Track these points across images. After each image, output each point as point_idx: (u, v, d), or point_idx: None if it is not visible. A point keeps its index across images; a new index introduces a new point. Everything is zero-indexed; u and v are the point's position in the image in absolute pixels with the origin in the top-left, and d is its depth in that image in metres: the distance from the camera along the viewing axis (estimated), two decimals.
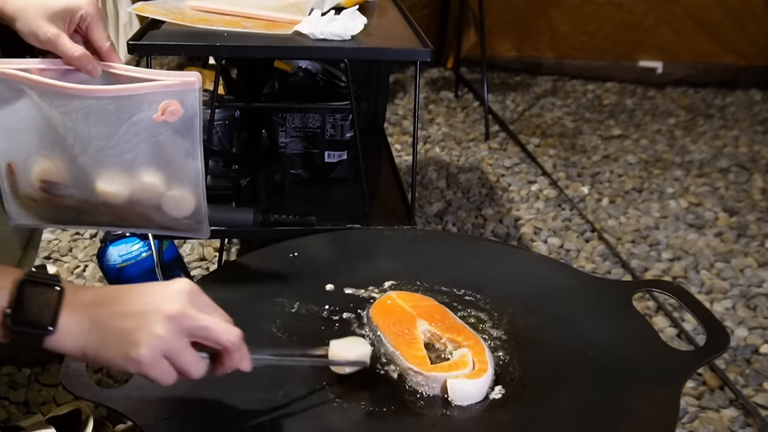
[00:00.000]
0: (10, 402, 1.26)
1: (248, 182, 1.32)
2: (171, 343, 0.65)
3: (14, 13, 0.85)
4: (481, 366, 0.83)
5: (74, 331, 0.64)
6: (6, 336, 0.63)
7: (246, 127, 1.66)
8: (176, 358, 0.66)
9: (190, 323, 0.66)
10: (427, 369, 0.83)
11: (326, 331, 0.93)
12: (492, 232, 1.93)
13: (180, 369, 0.67)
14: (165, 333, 0.64)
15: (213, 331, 0.67)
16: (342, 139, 1.51)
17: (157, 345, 0.64)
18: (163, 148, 0.86)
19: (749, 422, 1.30)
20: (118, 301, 0.67)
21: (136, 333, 0.64)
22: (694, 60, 3.22)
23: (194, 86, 0.82)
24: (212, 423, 0.77)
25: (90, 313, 0.65)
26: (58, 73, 0.85)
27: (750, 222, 2.04)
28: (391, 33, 1.36)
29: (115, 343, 0.64)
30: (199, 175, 0.87)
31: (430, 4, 3.31)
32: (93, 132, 0.84)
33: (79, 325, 0.65)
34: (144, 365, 0.64)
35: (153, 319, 0.64)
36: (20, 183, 0.89)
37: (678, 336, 1.52)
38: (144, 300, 0.67)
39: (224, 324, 0.69)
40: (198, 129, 0.85)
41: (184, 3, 1.37)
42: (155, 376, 0.65)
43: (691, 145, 2.62)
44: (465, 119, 2.82)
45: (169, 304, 0.65)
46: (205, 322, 0.67)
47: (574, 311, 0.97)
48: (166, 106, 0.82)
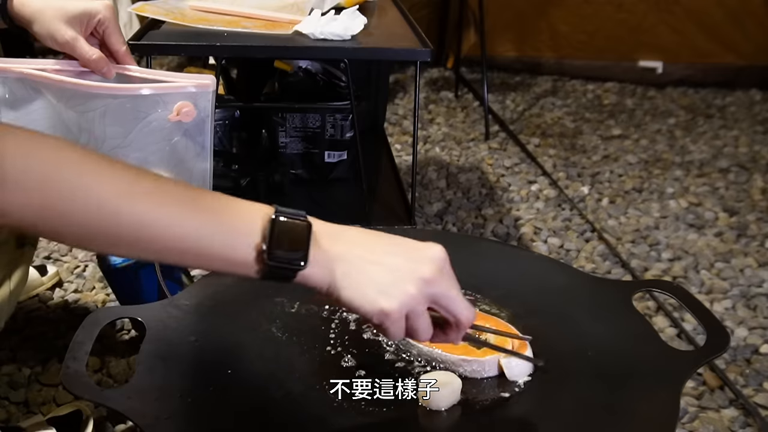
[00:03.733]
0: (10, 402, 1.26)
1: (248, 182, 1.33)
2: (418, 304, 0.66)
3: (32, 15, 0.88)
4: (520, 342, 0.85)
5: (323, 265, 0.65)
6: (261, 271, 0.63)
7: (246, 127, 1.66)
8: (415, 319, 0.67)
9: (440, 290, 0.67)
10: (482, 355, 0.84)
11: (326, 331, 0.93)
12: (492, 232, 1.93)
13: (412, 329, 0.68)
14: (417, 294, 0.66)
15: (457, 304, 0.69)
16: (342, 139, 1.51)
17: (407, 303, 0.65)
18: (175, 149, 0.87)
19: (749, 422, 1.30)
20: (370, 246, 0.68)
21: (392, 287, 0.65)
22: (694, 60, 3.23)
23: (209, 89, 0.85)
24: (212, 423, 0.77)
25: (340, 250, 0.66)
26: (73, 74, 0.87)
27: (750, 222, 2.04)
28: (391, 33, 1.36)
29: (367, 289, 0.65)
30: (207, 175, 0.89)
31: (430, 4, 3.32)
32: (108, 131, 0.86)
33: (328, 260, 0.65)
34: (389, 318, 0.65)
35: (410, 278, 0.66)
36: None
37: (678, 336, 1.52)
38: (401, 255, 0.67)
39: (466, 301, 0.70)
40: (209, 131, 0.87)
41: (184, 3, 1.37)
42: (392, 330, 0.67)
43: (691, 145, 2.62)
44: (465, 119, 2.82)
45: (426, 267, 0.67)
46: (453, 294, 0.69)
47: (574, 311, 0.97)
48: (181, 107, 0.84)
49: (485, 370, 0.83)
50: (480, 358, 0.83)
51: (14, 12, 0.89)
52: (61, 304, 1.54)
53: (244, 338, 0.90)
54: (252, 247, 0.62)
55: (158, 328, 0.88)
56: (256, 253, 0.63)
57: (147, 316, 0.89)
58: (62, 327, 1.45)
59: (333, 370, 0.85)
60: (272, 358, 0.87)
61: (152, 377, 0.80)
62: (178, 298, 0.95)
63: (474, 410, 0.80)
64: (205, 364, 0.85)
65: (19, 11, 0.88)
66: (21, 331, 1.44)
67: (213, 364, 0.85)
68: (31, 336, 1.43)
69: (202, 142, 0.87)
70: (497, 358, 0.83)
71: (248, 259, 0.63)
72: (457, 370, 0.84)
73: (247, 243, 0.62)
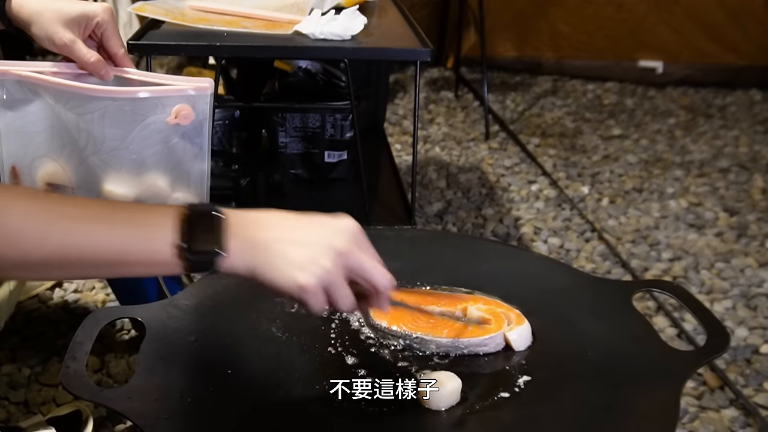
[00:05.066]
0: (10, 402, 1.26)
1: (248, 182, 1.33)
2: (334, 276, 0.70)
3: (30, 17, 0.89)
4: (516, 315, 0.90)
5: (243, 252, 0.69)
6: (184, 267, 0.67)
7: (246, 127, 1.66)
8: (334, 291, 0.71)
9: (355, 261, 0.71)
10: (490, 332, 0.87)
11: (326, 331, 0.93)
12: (492, 232, 1.93)
13: (333, 301, 0.71)
14: (332, 267, 0.69)
15: (373, 273, 0.72)
16: (342, 139, 1.51)
17: (323, 276, 0.69)
18: (173, 150, 0.88)
19: (749, 422, 1.30)
20: (285, 228, 0.72)
21: (309, 263, 0.69)
22: (694, 60, 3.22)
23: (207, 92, 0.85)
24: (212, 423, 0.77)
25: (257, 236, 0.70)
26: (71, 76, 0.88)
27: (750, 222, 2.04)
28: (391, 33, 1.36)
29: (286, 268, 0.69)
30: (204, 177, 0.89)
31: (430, 4, 3.32)
32: (107, 133, 0.86)
33: (247, 247, 0.69)
34: (308, 293, 0.69)
35: (323, 252, 0.69)
36: (24, 185, 0.89)
37: (678, 336, 1.52)
38: (312, 231, 0.71)
39: (382, 268, 0.73)
40: (207, 133, 0.88)
41: (184, 3, 1.37)
42: (312, 303, 0.70)
43: (691, 145, 2.62)
44: (465, 119, 2.82)
45: (339, 240, 0.70)
46: (369, 264, 0.72)
47: (574, 311, 0.97)
48: (180, 110, 0.85)
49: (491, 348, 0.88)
50: (490, 336, 0.87)
51: (12, 14, 0.89)
52: (61, 304, 1.54)
53: (244, 338, 0.89)
54: (170, 245, 0.66)
55: (158, 328, 0.88)
56: (177, 251, 0.66)
57: (147, 316, 0.89)
58: (62, 327, 1.45)
59: (333, 370, 0.85)
60: (272, 358, 0.87)
61: (152, 377, 0.80)
62: (178, 298, 0.95)
63: (474, 410, 0.80)
64: (205, 364, 0.85)
65: (18, 13, 0.88)
66: (21, 331, 1.44)
67: (213, 364, 0.85)
68: (31, 336, 1.43)
69: (200, 144, 0.88)
70: (502, 333, 0.88)
71: (169, 258, 0.67)
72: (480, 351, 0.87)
73: (165, 243, 0.66)
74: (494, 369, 0.87)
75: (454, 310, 0.94)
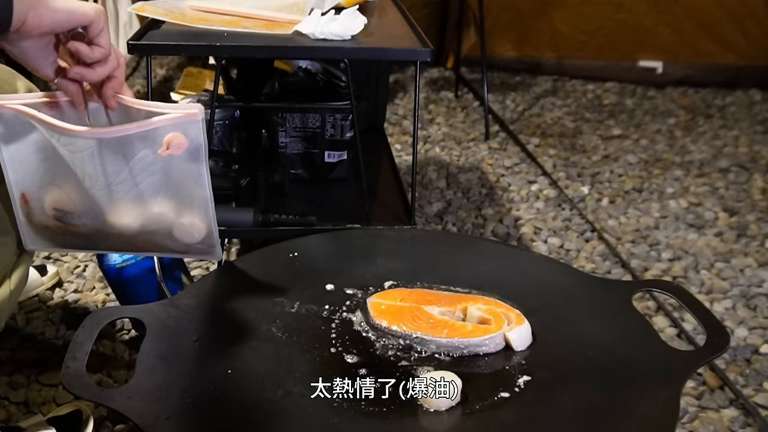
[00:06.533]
0: (10, 402, 1.26)
1: (248, 182, 1.32)
2: None
3: None
4: (516, 315, 0.91)
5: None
6: None
7: (246, 127, 1.66)
8: None
9: None
10: (490, 332, 0.88)
11: (326, 331, 0.93)
12: (492, 232, 1.93)
13: None
14: None
15: None
16: (342, 139, 1.51)
17: None
18: (171, 178, 0.86)
19: (749, 422, 1.30)
20: None
21: None
22: (694, 60, 3.22)
23: (197, 118, 0.83)
24: (212, 423, 0.77)
25: None
26: (65, 103, 0.86)
27: (750, 222, 2.04)
28: (391, 33, 1.36)
29: None
30: (208, 202, 0.88)
31: (430, 4, 3.31)
32: (100, 170, 0.85)
33: None
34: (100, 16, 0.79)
35: None
36: (34, 211, 0.90)
37: (678, 336, 1.52)
38: None
39: None
40: (204, 158, 0.85)
41: (184, 3, 1.37)
42: None
43: (691, 145, 2.62)
44: (465, 119, 2.82)
45: None
46: None
47: (574, 311, 0.97)
48: (171, 140, 0.82)
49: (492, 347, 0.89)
50: (490, 336, 0.88)
51: None
52: (61, 304, 1.54)
53: (244, 338, 0.90)
54: None
55: (158, 328, 0.88)
56: None
57: (147, 316, 0.90)
58: (62, 327, 1.45)
59: (333, 369, 0.85)
60: (272, 358, 0.87)
61: (152, 377, 0.80)
62: (178, 298, 0.95)
63: (474, 410, 0.80)
64: (205, 364, 0.85)
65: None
66: (21, 331, 1.44)
67: (213, 364, 0.85)
68: (31, 336, 1.43)
69: (198, 170, 0.86)
70: (502, 333, 0.89)
71: None
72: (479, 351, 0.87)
73: None
74: (494, 369, 0.87)
75: (454, 310, 0.94)
